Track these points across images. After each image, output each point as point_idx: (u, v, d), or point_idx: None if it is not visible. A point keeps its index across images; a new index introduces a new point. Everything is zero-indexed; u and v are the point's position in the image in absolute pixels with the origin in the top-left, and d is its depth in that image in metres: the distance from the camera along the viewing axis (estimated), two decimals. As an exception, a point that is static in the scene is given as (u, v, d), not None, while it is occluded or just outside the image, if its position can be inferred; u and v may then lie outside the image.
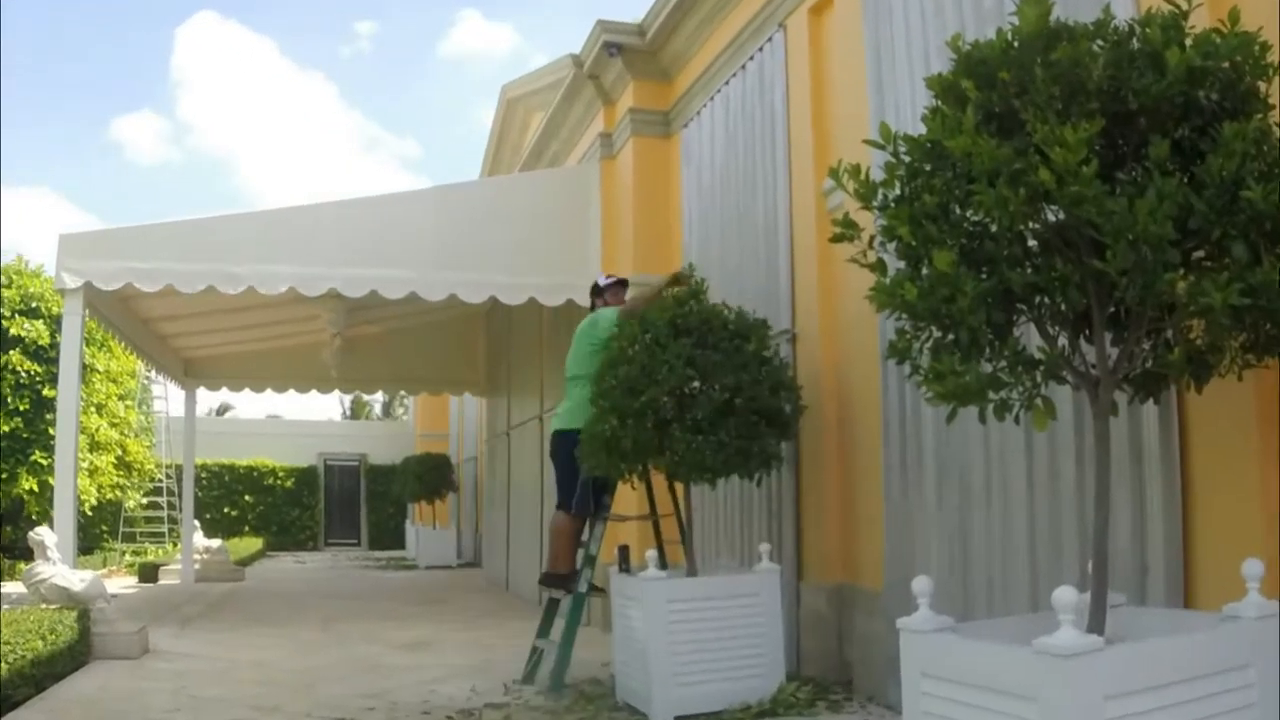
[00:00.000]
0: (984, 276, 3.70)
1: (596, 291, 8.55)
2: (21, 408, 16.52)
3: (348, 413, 45.92)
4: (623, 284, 8.56)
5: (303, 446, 30.58)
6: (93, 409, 18.10)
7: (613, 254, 11.13)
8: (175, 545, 21.69)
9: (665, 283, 7.84)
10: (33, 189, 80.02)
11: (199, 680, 8.19)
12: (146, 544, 22.50)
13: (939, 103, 3.90)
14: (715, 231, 9.59)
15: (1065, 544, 5.24)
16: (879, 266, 4.10)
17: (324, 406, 76.97)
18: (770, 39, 8.75)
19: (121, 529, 22.63)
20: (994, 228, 3.69)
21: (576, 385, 7.93)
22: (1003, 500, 5.70)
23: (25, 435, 16.54)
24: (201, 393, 18.59)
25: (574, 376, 7.97)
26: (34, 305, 17.00)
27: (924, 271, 3.83)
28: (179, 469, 20.79)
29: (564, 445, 7.87)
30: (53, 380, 15.61)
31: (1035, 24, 3.68)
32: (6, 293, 16.92)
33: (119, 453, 18.87)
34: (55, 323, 16.10)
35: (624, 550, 7.48)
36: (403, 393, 31.99)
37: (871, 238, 4.16)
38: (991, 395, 3.83)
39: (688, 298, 7.28)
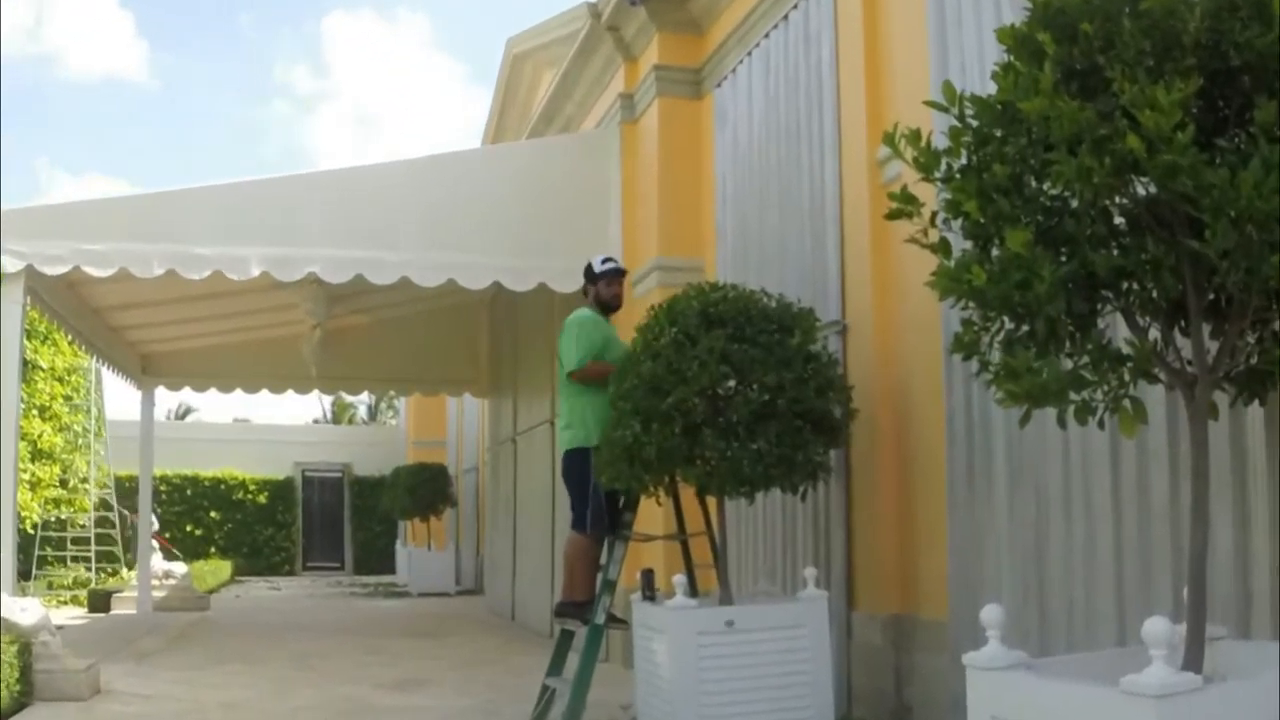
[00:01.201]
0: (1063, 259, 3.72)
1: (590, 276, 8.43)
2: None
3: (329, 417, 46.11)
4: (620, 274, 8.43)
5: (277, 455, 30.71)
6: (34, 412, 18.25)
7: (634, 232, 11.17)
8: (129, 569, 21.84)
9: None
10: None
11: (159, 723, 8.26)
12: (102, 567, 22.64)
13: (1011, 58, 3.90)
14: (753, 207, 9.62)
15: (1156, 567, 5.25)
16: (942, 247, 4.11)
17: (302, 409, 77.08)
18: (817, -16, 8.77)
19: (69, 551, 22.79)
20: (1075, 203, 3.70)
21: (565, 395, 8.08)
22: (1085, 517, 5.72)
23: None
24: (161, 393, 18.70)
25: (561, 383, 8.14)
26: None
27: (994, 253, 3.85)
28: (132, 481, 20.91)
29: (574, 463, 7.96)
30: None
31: (1123, -32, 3.69)
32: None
33: (71, 461, 19.02)
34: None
35: (648, 575, 7.50)
36: (392, 394, 32.16)
37: (933, 214, 4.18)
38: (1072, 396, 3.84)
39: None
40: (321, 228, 10.55)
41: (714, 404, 6.78)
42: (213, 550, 28.88)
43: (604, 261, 8.45)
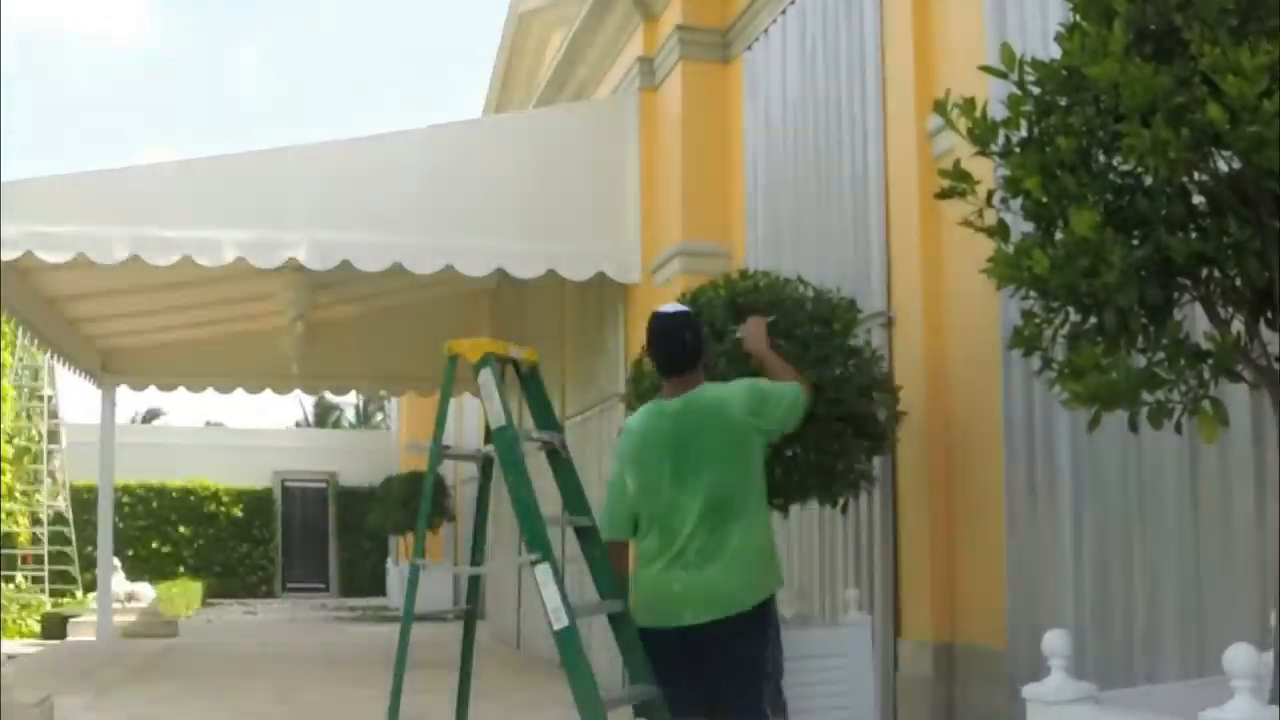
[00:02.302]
0: (1136, 243, 3.72)
1: (697, 343, 5.76)
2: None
3: (311, 420, 46.18)
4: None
5: (253, 463, 30.79)
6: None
7: (654, 213, 11.19)
8: (87, 592, 21.93)
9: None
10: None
11: (122, 762, 8.31)
12: (57, 589, 22.74)
13: (1078, 18, 3.91)
14: (787, 184, 9.63)
15: (1238, 588, 5.25)
16: (1000, 230, 4.12)
17: (281, 412, 77.24)
18: (859, -66, 8.78)
19: (20, 571, 22.90)
20: (1149, 180, 3.70)
21: (730, 523, 5.47)
22: (1159, 532, 5.72)
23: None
24: (123, 393, 18.78)
25: (721, 503, 5.46)
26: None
27: (1058, 236, 3.85)
28: (90, 492, 20.98)
29: (754, 626, 5.48)
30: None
31: (1203, -84, 3.69)
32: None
33: (21, 470, 19.10)
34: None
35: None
36: (383, 394, 32.12)
37: (990, 193, 4.19)
38: (1145, 396, 3.85)
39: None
40: (304, 208, 10.59)
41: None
42: (181, 570, 28.97)
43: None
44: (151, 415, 45.57)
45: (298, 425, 44.66)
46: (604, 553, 5.85)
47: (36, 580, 22.90)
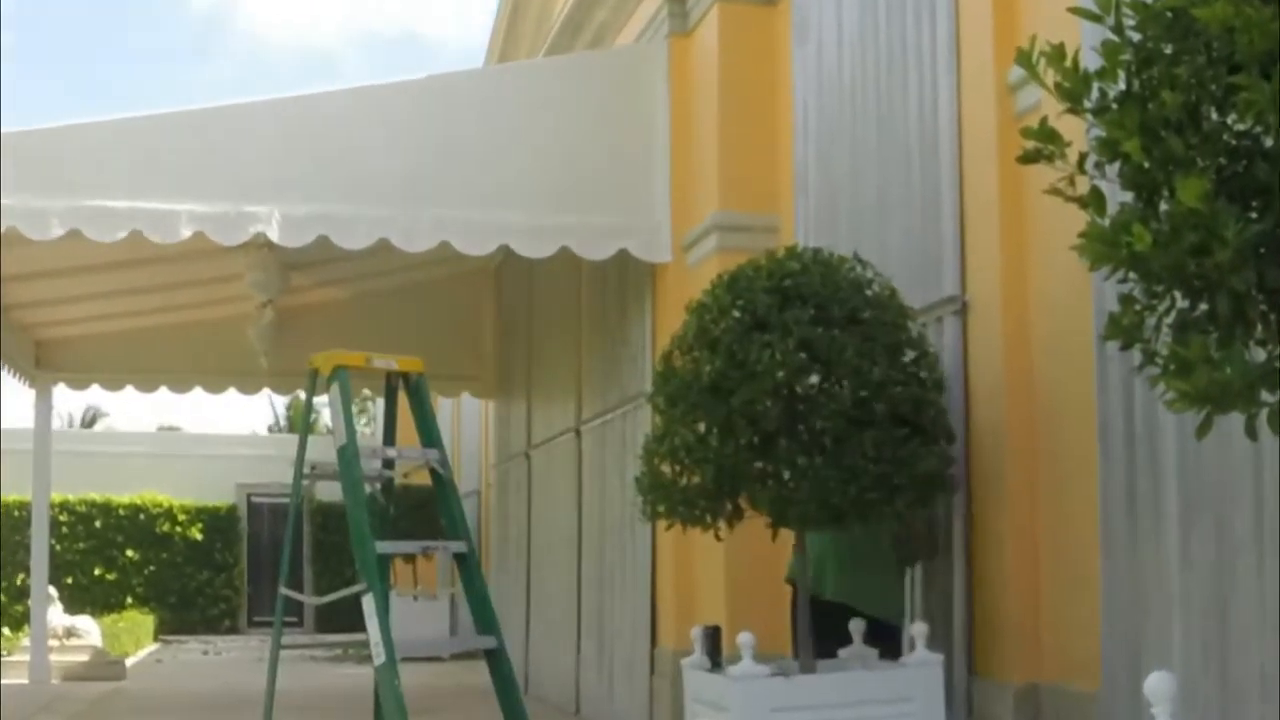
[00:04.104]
0: (1254, 215, 3.73)
1: None
2: None
3: (283, 424, 46.26)
4: None
5: (215, 475, 30.86)
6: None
7: (687, 179, 11.20)
8: (18, 628, 22.01)
9: None
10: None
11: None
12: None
13: (1186, -49, 3.93)
14: (843, 148, 9.65)
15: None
16: (1094, 200, 4.14)
17: (247, 415, 77.45)
18: None
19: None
20: (1268, 141, 3.71)
21: None
22: (1284, 556, 5.73)
23: None
24: (61, 393, 18.85)
25: None
26: None
27: (1162, 208, 3.87)
28: (23, 509, 21.05)
29: None
30: None
31: None
32: None
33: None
34: None
35: (712, 633, 7.51)
36: (367, 394, 32.19)
37: (1082, 156, 4.20)
38: (1265, 396, 3.85)
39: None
40: (274, 174, 10.61)
41: (791, 406, 6.83)
42: (129, 601, 28.98)
43: None
44: (93, 418, 45.70)
45: (268, 431, 44.74)
46: (483, 583, 6.18)
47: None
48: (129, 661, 20.69)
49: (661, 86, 11.49)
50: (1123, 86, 4.01)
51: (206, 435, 34.23)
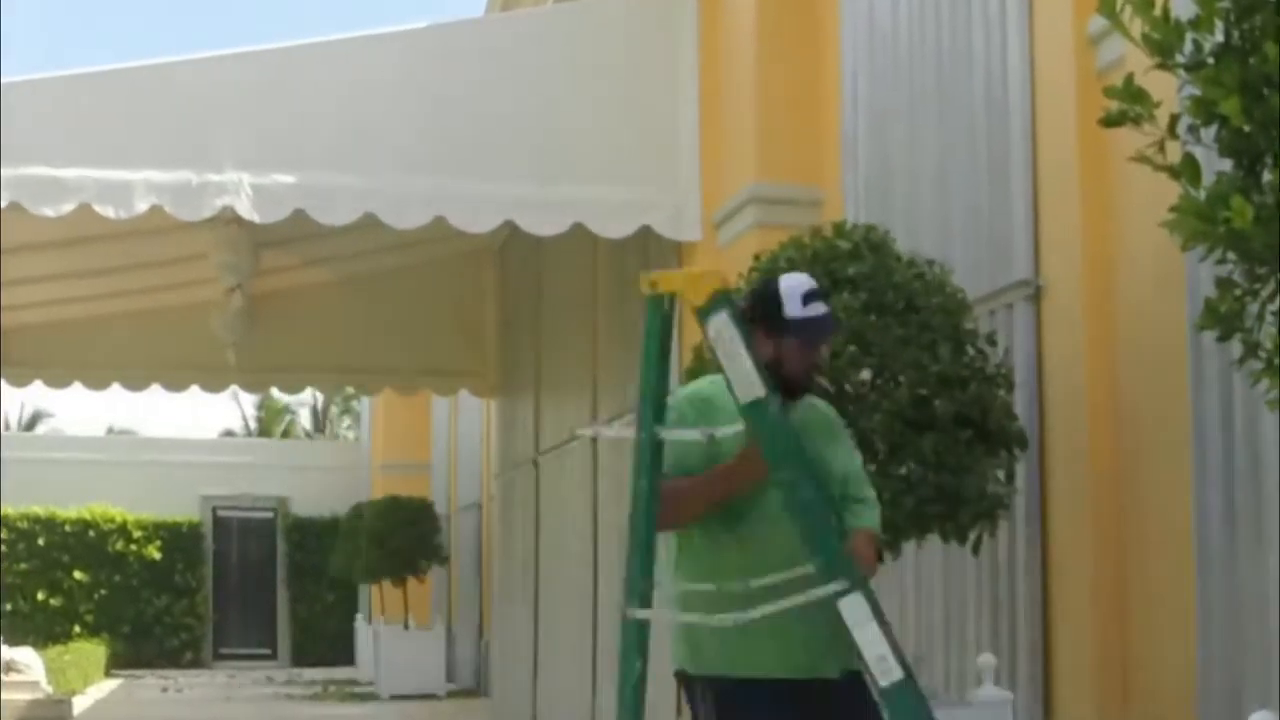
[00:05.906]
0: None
1: (770, 316, 5.87)
2: None
3: (253, 427, 46.36)
4: (827, 331, 6.08)
5: (175, 485, 30.92)
6: None
7: (718, 146, 11.20)
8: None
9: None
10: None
11: None
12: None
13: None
14: (898, 113, 9.68)
15: None
16: (1187, 169, 4.15)
17: (212, 416, 77.46)
18: None
19: None
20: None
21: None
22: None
23: None
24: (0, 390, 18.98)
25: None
26: None
27: (1265, 178, 3.89)
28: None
29: None
30: None
31: None
32: None
33: None
34: None
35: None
36: (351, 391, 32.23)
37: (1173, 118, 4.23)
38: (1383, 395, 3.92)
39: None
40: (244, 139, 10.59)
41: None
42: (77, 630, 29.02)
43: (805, 297, 5.97)
44: (35, 420, 45.85)
45: (236, 435, 44.80)
46: None
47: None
48: (76, 700, 20.74)
49: (690, 39, 11.45)
50: (1221, 38, 4.01)
51: (165, 439, 34.27)
